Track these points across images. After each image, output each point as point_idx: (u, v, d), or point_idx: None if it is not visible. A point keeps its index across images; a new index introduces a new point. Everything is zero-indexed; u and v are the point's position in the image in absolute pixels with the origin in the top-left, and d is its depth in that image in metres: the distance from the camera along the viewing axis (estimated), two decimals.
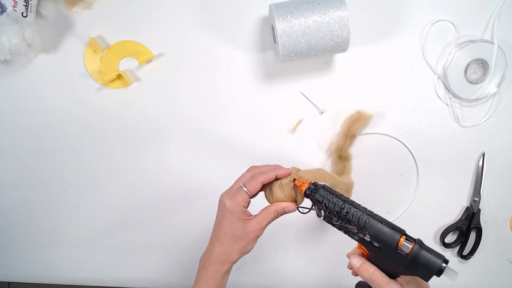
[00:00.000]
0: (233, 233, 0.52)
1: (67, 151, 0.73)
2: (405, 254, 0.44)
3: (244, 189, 0.52)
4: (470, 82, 0.66)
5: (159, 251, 0.79)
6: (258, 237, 0.53)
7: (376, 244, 0.46)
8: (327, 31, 0.56)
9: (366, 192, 0.73)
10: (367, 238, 0.47)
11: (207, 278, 0.54)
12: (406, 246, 0.44)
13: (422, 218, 0.74)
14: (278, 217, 0.53)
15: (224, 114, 0.69)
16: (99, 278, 0.82)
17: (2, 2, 0.57)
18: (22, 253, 0.82)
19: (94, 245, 0.79)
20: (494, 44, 0.63)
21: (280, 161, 0.72)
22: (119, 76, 0.66)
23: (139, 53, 0.66)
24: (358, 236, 0.48)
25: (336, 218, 0.49)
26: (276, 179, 0.54)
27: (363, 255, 0.50)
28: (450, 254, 0.77)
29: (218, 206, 0.54)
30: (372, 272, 0.47)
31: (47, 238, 0.80)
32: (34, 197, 0.77)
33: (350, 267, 0.51)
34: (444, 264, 0.42)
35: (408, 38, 0.65)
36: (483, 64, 0.65)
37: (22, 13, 0.59)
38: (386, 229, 0.46)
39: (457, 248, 0.76)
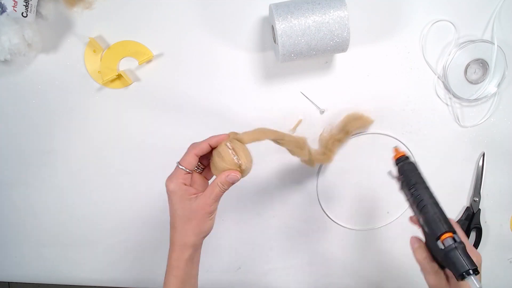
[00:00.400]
0: (181, 214, 0.50)
1: (67, 151, 0.73)
2: (441, 248, 0.46)
3: (180, 166, 0.51)
4: (470, 82, 0.66)
5: (159, 251, 0.79)
6: (210, 214, 0.51)
7: (426, 229, 0.49)
8: (327, 31, 0.56)
9: (366, 192, 0.73)
10: (421, 220, 0.50)
11: (171, 267, 0.52)
12: (446, 241, 0.46)
13: None
14: (226, 189, 0.51)
15: (224, 114, 0.69)
16: (99, 278, 0.82)
17: (2, 2, 0.57)
18: (22, 253, 0.82)
19: (94, 245, 0.79)
20: (494, 44, 0.63)
21: (280, 161, 0.72)
22: (119, 76, 0.66)
23: (139, 53, 0.66)
24: (418, 218, 0.51)
25: (409, 195, 0.52)
26: (213, 149, 0.52)
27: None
28: None
29: (167, 194, 0.52)
30: (424, 257, 0.49)
31: (47, 238, 0.80)
32: (34, 197, 0.77)
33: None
34: (469, 271, 0.44)
35: (408, 38, 0.65)
36: (483, 64, 0.65)
37: (22, 13, 0.59)
38: (437, 219, 0.48)
39: None
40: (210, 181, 0.53)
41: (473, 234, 0.74)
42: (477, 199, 0.72)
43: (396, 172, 0.55)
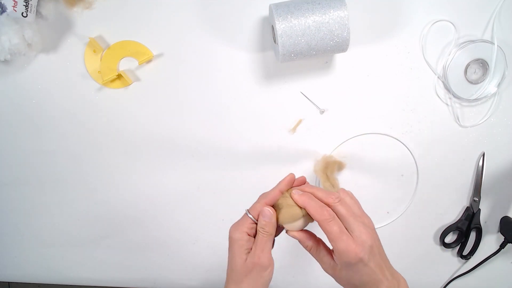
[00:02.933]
0: (239, 267, 0.47)
1: (67, 151, 0.73)
2: None
3: (249, 215, 0.48)
4: (470, 82, 0.66)
5: (159, 251, 0.79)
6: (262, 267, 0.46)
7: None
8: (327, 31, 0.56)
9: (366, 192, 0.73)
10: None
11: None
12: None
13: (422, 218, 0.74)
14: (268, 232, 0.47)
15: (224, 114, 0.69)
16: (99, 278, 0.82)
17: (2, 2, 0.57)
18: (22, 253, 0.82)
19: (94, 245, 0.79)
20: (494, 44, 0.63)
21: (281, 161, 0.72)
22: (119, 76, 0.66)
23: (139, 53, 0.66)
24: None
25: None
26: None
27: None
28: (450, 254, 0.77)
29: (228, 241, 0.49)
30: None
31: (47, 238, 0.80)
32: (34, 197, 0.77)
33: None
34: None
35: (408, 38, 0.65)
36: (483, 64, 0.65)
37: (22, 13, 0.59)
38: None
39: (457, 248, 0.76)
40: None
41: (473, 234, 0.74)
42: (477, 199, 0.72)
43: None
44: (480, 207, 0.72)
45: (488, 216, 0.74)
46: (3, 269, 0.83)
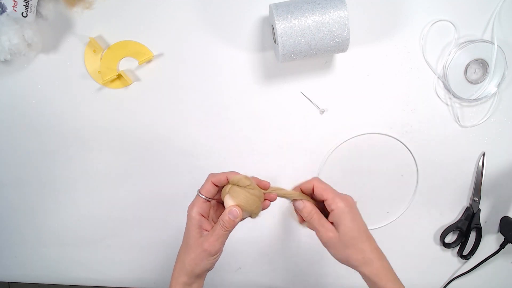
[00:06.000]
0: (186, 241, 0.50)
1: (67, 151, 0.73)
2: None
3: (200, 195, 0.50)
4: (470, 82, 0.66)
5: (159, 251, 0.79)
6: (210, 254, 0.49)
7: None
8: (327, 31, 0.56)
9: (366, 192, 0.73)
10: None
11: (171, 286, 0.51)
12: None
13: (422, 218, 0.74)
14: (228, 228, 0.49)
15: (224, 114, 0.69)
16: (99, 278, 0.82)
17: (2, 2, 0.57)
18: (22, 253, 0.82)
19: (94, 245, 0.79)
20: (494, 44, 0.63)
21: (281, 160, 0.72)
22: (119, 76, 0.66)
23: (139, 53, 0.66)
24: None
25: None
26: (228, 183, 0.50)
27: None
28: (450, 254, 0.77)
29: None
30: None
31: (47, 238, 0.80)
32: (34, 197, 0.77)
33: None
34: None
35: (408, 38, 0.65)
36: (483, 64, 0.65)
37: (22, 13, 0.59)
38: None
39: (457, 248, 0.76)
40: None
41: (473, 234, 0.74)
42: (477, 199, 0.72)
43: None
44: (480, 207, 0.72)
45: (488, 216, 0.74)
46: (3, 269, 0.83)
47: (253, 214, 0.51)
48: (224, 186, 0.51)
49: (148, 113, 0.70)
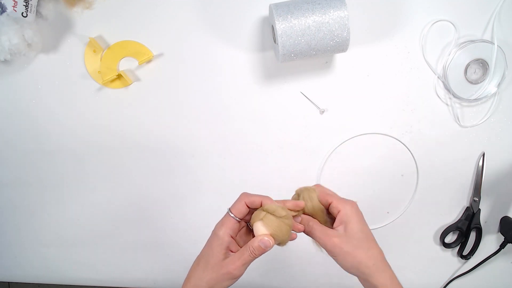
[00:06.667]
0: (208, 260, 0.48)
1: (66, 151, 0.73)
2: None
3: (231, 214, 0.49)
4: (470, 82, 0.66)
5: (159, 251, 0.79)
6: (233, 277, 0.48)
7: None
8: (327, 31, 0.56)
9: (366, 192, 0.73)
10: None
11: None
12: None
13: (422, 218, 0.74)
14: (257, 255, 0.47)
15: (224, 114, 0.69)
16: (99, 278, 0.82)
17: (2, 2, 0.57)
18: (22, 253, 0.82)
19: (94, 245, 0.79)
20: (494, 44, 0.63)
21: (281, 160, 0.72)
22: (119, 76, 0.66)
23: (139, 53, 0.66)
24: None
25: None
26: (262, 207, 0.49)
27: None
28: (450, 254, 0.77)
29: (211, 233, 0.51)
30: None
31: (47, 238, 0.80)
32: (34, 197, 0.77)
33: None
34: None
35: (408, 38, 0.65)
36: (483, 64, 0.65)
37: (22, 13, 0.59)
38: None
39: (457, 248, 0.76)
40: None
41: (473, 234, 0.74)
42: (477, 199, 0.71)
43: None
44: (480, 207, 0.72)
45: (488, 216, 0.74)
46: (3, 269, 0.83)
47: (282, 243, 0.50)
48: (256, 209, 0.49)
49: (148, 113, 0.70)
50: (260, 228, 0.48)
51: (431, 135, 0.69)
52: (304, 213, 0.51)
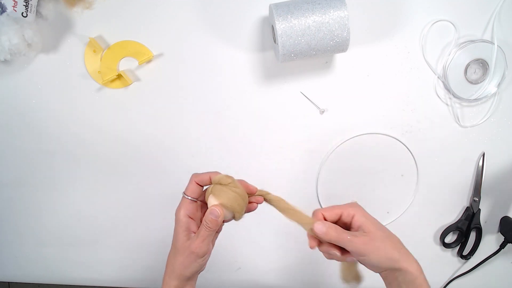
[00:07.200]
0: (174, 243, 0.50)
1: (66, 151, 0.73)
2: None
3: (186, 196, 0.50)
4: (470, 82, 0.66)
5: (159, 251, 0.79)
6: (198, 256, 0.48)
7: None
8: (327, 31, 0.56)
9: (366, 192, 0.73)
10: None
11: None
12: None
13: (422, 218, 0.74)
14: (212, 228, 0.48)
15: (224, 114, 0.69)
16: (99, 278, 0.82)
17: (2, 2, 0.57)
18: (22, 253, 0.82)
19: (93, 245, 0.79)
20: (494, 44, 0.63)
21: (281, 160, 0.72)
22: (119, 76, 0.66)
23: (139, 53, 0.66)
24: None
25: None
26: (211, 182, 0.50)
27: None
28: (450, 254, 0.77)
29: None
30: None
31: (47, 238, 0.80)
32: (34, 197, 0.77)
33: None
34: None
35: (408, 38, 0.65)
36: (483, 64, 0.65)
37: (22, 13, 0.59)
38: None
39: (457, 248, 0.76)
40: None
41: (473, 234, 0.74)
42: (477, 199, 0.72)
43: None
44: (480, 207, 0.72)
45: (488, 216, 0.74)
46: (3, 269, 0.83)
47: (236, 214, 0.50)
48: (208, 186, 0.51)
49: (148, 113, 0.70)
50: (211, 200, 0.49)
51: (431, 135, 0.69)
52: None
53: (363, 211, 0.50)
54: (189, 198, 0.51)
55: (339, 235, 0.48)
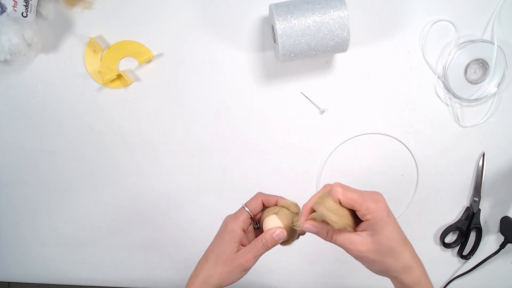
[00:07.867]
0: (220, 254, 0.49)
1: (67, 151, 0.73)
2: None
3: (246, 208, 0.50)
4: (470, 82, 0.66)
5: (159, 251, 0.79)
6: (244, 269, 0.49)
7: None
8: (327, 31, 0.56)
9: None
10: None
11: None
12: None
13: (422, 218, 0.74)
14: (269, 247, 0.49)
15: (224, 114, 0.69)
16: (99, 278, 0.82)
17: (2, 2, 0.57)
18: (22, 253, 0.82)
19: (94, 245, 0.79)
20: (494, 44, 0.63)
21: (281, 161, 0.72)
22: (119, 76, 0.66)
23: (139, 53, 0.66)
24: None
25: None
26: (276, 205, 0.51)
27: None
28: (450, 254, 0.77)
29: (220, 227, 0.52)
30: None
31: (47, 238, 0.80)
32: (34, 197, 0.77)
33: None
34: None
35: (408, 38, 0.65)
36: (483, 64, 0.65)
37: (22, 13, 0.59)
38: None
39: (457, 248, 0.76)
40: None
41: (473, 234, 0.74)
42: (477, 199, 0.72)
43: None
44: (480, 207, 0.72)
45: (488, 216, 0.74)
46: (3, 269, 0.83)
47: (289, 241, 0.51)
48: (267, 207, 0.51)
49: (148, 113, 0.70)
50: (274, 221, 0.49)
51: (431, 135, 0.69)
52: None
53: (383, 216, 0.44)
54: (249, 212, 0.50)
55: (333, 240, 0.46)
